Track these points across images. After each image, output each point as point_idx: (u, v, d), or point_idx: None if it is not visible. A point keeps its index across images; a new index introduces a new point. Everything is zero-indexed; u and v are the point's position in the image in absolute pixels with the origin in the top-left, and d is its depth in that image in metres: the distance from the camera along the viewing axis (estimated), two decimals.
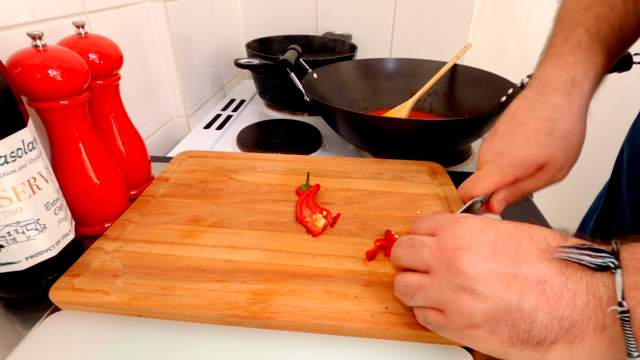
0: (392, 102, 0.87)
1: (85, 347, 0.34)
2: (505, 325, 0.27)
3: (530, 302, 0.26)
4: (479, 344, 0.29)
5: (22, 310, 0.39)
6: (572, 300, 0.26)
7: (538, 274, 0.27)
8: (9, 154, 0.34)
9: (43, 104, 0.40)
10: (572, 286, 0.26)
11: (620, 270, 0.25)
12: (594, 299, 0.25)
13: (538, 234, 0.29)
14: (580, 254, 0.26)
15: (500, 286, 0.27)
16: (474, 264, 0.28)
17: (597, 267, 0.26)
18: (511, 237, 0.29)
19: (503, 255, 0.28)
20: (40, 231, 0.37)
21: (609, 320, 0.25)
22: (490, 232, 0.30)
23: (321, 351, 0.34)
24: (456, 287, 0.29)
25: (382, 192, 0.53)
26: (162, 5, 0.72)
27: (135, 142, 0.54)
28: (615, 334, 0.25)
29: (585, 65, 0.43)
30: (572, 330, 0.26)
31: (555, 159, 0.42)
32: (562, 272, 0.27)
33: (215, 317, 0.35)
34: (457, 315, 0.29)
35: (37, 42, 0.39)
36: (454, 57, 0.84)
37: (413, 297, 0.32)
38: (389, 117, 0.69)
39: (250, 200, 0.51)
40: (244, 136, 0.78)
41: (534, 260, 0.28)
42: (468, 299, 0.28)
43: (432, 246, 0.31)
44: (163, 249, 0.43)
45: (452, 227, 0.31)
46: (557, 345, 0.26)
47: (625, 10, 0.45)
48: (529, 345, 0.27)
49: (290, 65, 0.74)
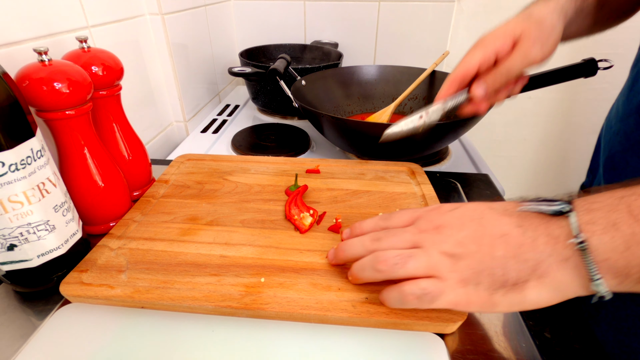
0: (375, 106, 0.88)
1: (93, 336, 0.35)
2: (486, 274, 0.30)
3: (500, 252, 0.30)
4: (471, 299, 0.31)
5: (35, 303, 0.40)
6: (533, 244, 0.29)
7: (500, 230, 0.31)
8: (20, 161, 0.34)
9: (50, 114, 0.40)
10: (531, 233, 0.30)
11: (574, 212, 0.28)
12: (552, 238, 0.29)
13: (496, 205, 0.34)
14: (537, 205, 0.30)
15: (475, 245, 0.31)
16: (452, 233, 0.33)
17: (553, 212, 0.29)
18: (475, 210, 0.34)
19: (471, 224, 0.33)
20: (50, 231, 0.38)
21: (569, 252, 0.28)
22: (457, 211, 0.34)
23: (307, 338, 0.35)
24: (442, 252, 0.32)
25: (365, 192, 0.55)
26: (160, 18, 0.73)
27: (137, 146, 0.55)
28: (577, 263, 0.27)
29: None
30: (539, 267, 0.29)
31: (528, 33, 0.44)
32: (519, 226, 0.30)
33: (211, 308, 0.36)
34: (449, 273, 0.31)
35: (43, 57, 0.40)
36: (433, 64, 0.85)
37: (405, 265, 0.32)
38: (370, 122, 0.70)
39: (243, 200, 0.52)
40: (238, 139, 0.79)
41: (495, 222, 0.32)
42: (452, 259, 0.32)
43: (414, 231, 0.34)
44: (163, 245, 0.44)
45: (426, 215, 0.36)
46: (531, 283, 0.29)
47: None
48: (508, 287, 0.29)
49: (280, 74, 0.75)
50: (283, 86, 0.75)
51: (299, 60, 1.10)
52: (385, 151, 0.65)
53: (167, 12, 0.74)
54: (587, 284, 0.27)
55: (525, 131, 1.28)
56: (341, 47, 1.12)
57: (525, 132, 1.28)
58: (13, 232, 0.36)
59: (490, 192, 0.60)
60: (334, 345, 0.34)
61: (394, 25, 1.10)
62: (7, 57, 0.44)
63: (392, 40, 1.13)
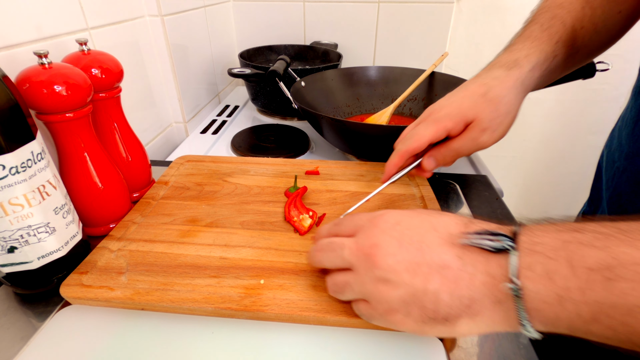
0: (374, 107, 0.89)
1: (93, 338, 0.35)
2: (416, 306, 0.29)
3: (434, 285, 0.29)
4: (399, 325, 0.31)
5: (35, 305, 0.40)
6: (470, 280, 0.28)
7: (439, 260, 0.29)
8: (20, 164, 0.34)
9: (50, 117, 0.41)
10: (470, 269, 0.28)
11: (515, 252, 0.26)
12: (489, 277, 0.27)
13: (441, 224, 0.31)
14: (480, 239, 0.28)
15: (408, 274, 0.29)
16: (386, 258, 0.30)
17: (494, 250, 0.27)
18: (417, 230, 0.31)
19: (409, 247, 0.30)
20: (50, 233, 0.38)
21: (503, 295, 0.27)
22: (398, 229, 0.32)
23: (307, 340, 0.35)
24: (374, 279, 0.31)
25: (364, 193, 0.55)
26: (160, 20, 0.73)
27: (136, 148, 0.55)
28: (510, 306, 0.26)
29: (529, 51, 0.47)
30: (473, 305, 0.28)
31: (481, 118, 0.45)
32: (460, 258, 0.29)
33: (211, 310, 0.36)
34: (378, 303, 0.31)
35: (43, 60, 0.40)
36: (432, 65, 0.85)
37: (343, 293, 0.34)
38: (369, 124, 0.70)
39: (242, 202, 0.52)
40: (238, 140, 0.79)
41: (436, 249, 0.30)
42: (384, 288, 0.30)
43: (352, 246, 0.33)
44: (163, 247, 0.44)
45: (368, 228, 0.33)
46: (462, 319, 0.28)
47: (582, 15, 0.48)
48: (438, 322, 0.29)
49: (279, 75, 0.75)
50: (282, 87, 0.75)
51: (299, 61, 1.10)
52: (384, 153, 0.65)
53: (167, 13, 0.74)
54: (516, 326, 0.27)
55: (525, 131, 1.28)
56: (340, 48, 1.12)
57: (524, 132, 1.28)
58: (13, 235, 0.36)
59: (488, 193, 0.60)
60: (333, 347, 0.35)
61: (394, 26, 1.10)
62: (8, 59, 0.44)
63: (391, 41, 1.13)
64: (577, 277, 0.24)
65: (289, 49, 1.10)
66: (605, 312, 0.23)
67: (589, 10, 0.48)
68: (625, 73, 0.52)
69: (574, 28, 0.48)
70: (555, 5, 0.50)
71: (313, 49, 1.08)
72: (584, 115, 1.23)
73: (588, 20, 0.48)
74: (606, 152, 0.56)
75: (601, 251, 0.24)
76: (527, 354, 0.35)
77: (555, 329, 0.26)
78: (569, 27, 0.48)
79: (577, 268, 0.24)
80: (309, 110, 0.66)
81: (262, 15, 1.13)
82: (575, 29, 0.48)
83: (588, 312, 0.24)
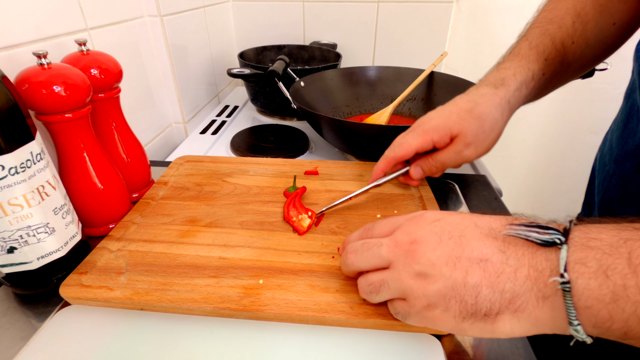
0: (374, 107, 0.89)
1: (93, 338, 0.36)
2: (455, 301, 0.28)
3: (474, 278, 0.28)
4: (438, 322, 0.30)
5: (35, 305, 0.40)
6: (513, 274, 0.27)
7: (480, 254, 0.28)
8: (19, 165, 0.35)
9: (49, 117, 0.41)
10: (514, 262, 0.27)
11: (566, 246, 0.25)
12: (535, 271, 0.26)
13: (483, 221, 0.31)
14: (528, 231, 0.27)
15: (447, 268, 0.29)
16: (425, 252, 0.30)
17: (543, 243, 0.26)
18: (457, 226, 0.31)
19: (449, 242, 0.30)
20: (49, 234, 0.38)
21: (550, 290, 0.25)
22: (438, 224, 0.32)
23: (305, 339, 0.35)
24: (413, 274, 0.30)
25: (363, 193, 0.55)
26: (159, 20, 0.73)
27: (136, 148, 0.55)
28: (557, 304, 0.25)
29: (516, 69, 0.48)
30: (515, 300, 0.27)
31: (465, 133, 0.46)
32: (502, 251, 0.28)
33: (210, 309, 0.36)
34: (416, 299, 0.30)
35: (42, 61, 0.40)
36: (431, 64, 0.85)
37: (379, 293, 0.33)
38: (368, 124, 0.70)
39: (242, 202, 0.53)
40: (237, 141, 0.80)
41: (476, 244, 0.29)
42: (422, 283, 0.30)
43: (390, 244, 0.33)
44: (162, 247, 0.44)
45: (407, 226, 0.33)
46: (503, 316, 0.27)
47: (573, 30, 0.48)
48: (478, 317, 0.28)
49: (278, 75, 0.75)
50: (282, 88, 0.75)
51: (298, 61, 1.11)
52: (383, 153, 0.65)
53: (166, 13, 0.74)
54: (565, 327, 0.25)
55: (524, 131, 1.28)
56: (340, 48, 1.12)
57: (524, 132, 1.28)
58: (13, 235, 0.36)
59: (488, 193, 0.60)
60: (331, 346, 0.35)
61: (393, 25, 1.10)
62: (7, 60, 0.45)
63: (390, 41, 1.13)
64: (637, 275, 0.23)
65: (289, 49, 1.10)
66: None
67: (580, 25, 0.48)
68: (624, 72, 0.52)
69: (564, 44, 0.48)
70: (545, 20, 0.50)
71: (312, 49, 1.08)
72: (583, 114, 1.23)
73: (579, 35, 0.48)
74: (599, 156, 0.56)
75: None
76: (525, 353, 0.35)
77: (608, 332, 0.24)
78: (558, 44, 0.48)
79: (638, 265, 0.23)
80: (308, 111, 0.66)
81: (261, 15, 1.13)
82: (566, 45, 0.48)
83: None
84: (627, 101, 0.47)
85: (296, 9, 1.11)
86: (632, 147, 0.44)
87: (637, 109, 0.43)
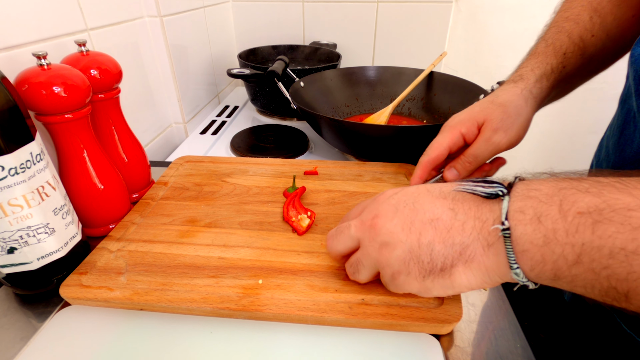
0: (373, 107, 0.89)
1: (93, 338, 0.36)
2: (414, 262, 0.31)
3: (427, 237, 0.30)
4: (405, 287, 0.33)
5: (35, 306, 0.40)
6: (461, 227, 0.29)
7: (431, 214, 0.31)
8: (19, 165, 0.35)
9: (49, 118, 0.41)
10: (461, 217, 0.29)
11: (508, 197, 0.27)
12: (479, 222, 0.28)
13: (435, 187, 0.33)
14: (474, 185, 0.30)
15: (404, 233, 0.31)
16: (385, 223, 0.33)
17: (487, 195, 0.28)
18: (411, 195, 0.34)
19: (404, 209, 0.33)
20: (49, 234, 0.38)
21: (493, 238, 0.28)
22: (395, 197, 0.34)
23: (304, 339, 0.35)
24: (377, 247, 0.33)
25: (362, 193, 0.55)
26: (159, 20, 0.73)
27: (136, 149, 0.55)
28: (500, 250, 0.27)
29: (534, 65, 0.49)
30: (465, 251, 0.29)
31: (491, 119, 0.46)
32: (451, 209, 0.30)
33: (209, 309, 0.37)
34: (384, 269, 0.33)
35: (42, 61, 0.40)
36: (431, 64, 0.85)
37: (359, 272, 0.36)
38: (367, 124, 0.70)
39: (241, 202, 0.53)
40: (237, 141, 0.80)
41: (428, 206, 0.32)
42: (386, 251, 0.32)
43: (357, 224, 0.35)
44: (162, 248, 0.44)
45: (371, 204, 0.36)
46: (457, 268, 0.29)
47: (591, 24, 0.48)
48: (436, 273, 0.30)
49: (278, 76, 0.75)
50: (281, 88, 0.75)
51: (298, 61, 1.11)
52: (383, 152, 0.65)
53: (166, 14, 0.74)
54: (508, 272, 0.27)
55: None
56: (340, 48, 1.12)
57: None
58: (13, 236, 0.36)
59: None
60: (331, 346, 0.35)
61: (393, 25, 1.10)
62: (7, 61, 0.45)
63: (390, 41, 1.13)
64: (565, 220, 0.25)
65: (288, 49, 1.11)
66: (589, 253, 0.24)
67: (598, 18, 0.48)
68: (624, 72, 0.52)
69: (583, 38, 0.48)
70: (562, 19, 0.51)
71: (312, 49, 1.08)
72: (583, 114, 1.23)
73: (598, 28, 0.48)
74: (595, 162, 0.56)
75: (595, 197, 0.24)
76: (524, 353, 0.35)
77: (542, 275, 0.26)
78: (576, 38, 0.48)
79: (567, 211, 0.25)
80: (307, 111, 0.66)
81: (261, 15, 1.13)
82: (584, 38, 0.48)
83: (572, 253, 0.24)
84: (623, 107, 0.47)
85: (296, 9, 1.11)
86: (629, 155, 0.44)
87: (634, 116, 0.43)
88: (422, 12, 1.08)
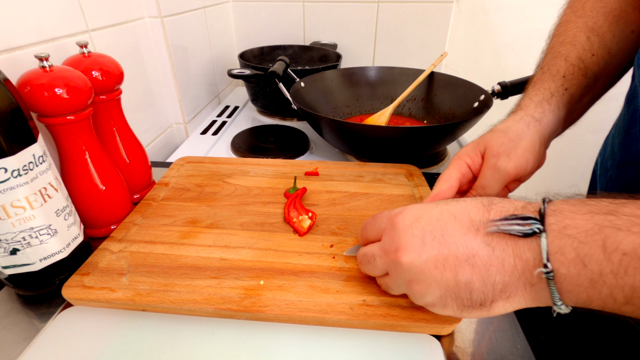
0: (374, 107, 0.89)
1: (95, 339, 0.36)
2: (451, 299, 0.30)
3: (465, 276, 0.29)
4: (440, 315, 0.35)
5: (38, 306, 0.41)
6: (501, 266, 0.28)
7: (466, 250, 0.29)
8: (22, 167, 0.35)
9: (51, 119, 0.41)
10: (499, 254, 0.29)
11: (545, 234, 0.27)
12: (521, 261, 0.28)
13: (461, 211, 0.31)
14: (509, 225, 0.28)
15: (437, 271, 0.30)
16: (413, 260, 0.31)
17: (524, 235, 0.28)
18: (437, 223, 0.31)
19: (433, 243, 0.31)
20: (51, 235, 0.39)
21: (536, 279, 0.27)
22: (418, 226, 0.32)
23: (305, 340, 0.35)
24: (407, 281, 0.32)
25: (363, 194, 0.55)
26: (160, 21, 0.73)
27: (137, 150, 0.55)
28: (542, 288, 0.27)
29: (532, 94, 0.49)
30: (506, 289, 0.29)
31: (491, 145, 0.45)
32: (487, 244, 0.29)
33: (211, 310, 0.37)
34: (416, 299, 0.33)
35: (44, 63, 0.40)
36: (431, 65, 0.86)
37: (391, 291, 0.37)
38: (368, 124, 0.71)
39: (242, 203, 0.53)
40: (238, 141, 0.80)
41: (460, 239, 0.30)
42: (417, 288, 0.32)
43: (380, 254, 0.35)
44: (164, 249, 0.44)
45: (389, 230, 0.34)
46: (498, 303, 0.29)
47: (589, 44, 0.48)
48: (475, 308, 0.30)
49: (279, 76, 0.75)
50: (282, 88, 0.76)
51: (298, 61, 1.11)
52: (383, 153, 0.66)
53: (167, 14, 0.74)
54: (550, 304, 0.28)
55: None
56: (340, 48, 1.12)
57: None
58: (16, 237, 0.36)
59: None
60: (332, 347, 0.35)
61: (393, 26, 1.11)
62: (9, 62, 0.45)
63: (390, 41, 1.13)
64: (611, 262, 0.24)
65: (289, 50, 1.11)
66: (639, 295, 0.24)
67: (596, 37, 0.48)
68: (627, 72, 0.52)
69: (582, 59, 0.48)
70: (557, 44, 0.50)
71: (312, 49, 1.09)
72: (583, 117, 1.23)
73: (598, 46, 0.48)
74: (600, 160, 0.56)
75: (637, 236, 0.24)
76: (524, 353, 0.35)
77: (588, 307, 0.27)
78: (574, 60, 0.48)
79: (611, 253, 0.24)
80: (308, 111, 0.66)
81: (261, 15, 1.13)
82: (584, 59, 0.48)
83: (622, 296, 0.24)
84: (629, 107, 0.47)
85: (296, 9, 1.11)
86: (635, 154, 0.44)
87: (639, 116, 0.43)
88: (423, 12, 1.08)
